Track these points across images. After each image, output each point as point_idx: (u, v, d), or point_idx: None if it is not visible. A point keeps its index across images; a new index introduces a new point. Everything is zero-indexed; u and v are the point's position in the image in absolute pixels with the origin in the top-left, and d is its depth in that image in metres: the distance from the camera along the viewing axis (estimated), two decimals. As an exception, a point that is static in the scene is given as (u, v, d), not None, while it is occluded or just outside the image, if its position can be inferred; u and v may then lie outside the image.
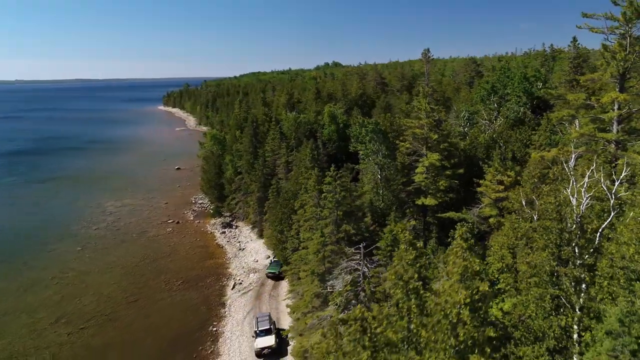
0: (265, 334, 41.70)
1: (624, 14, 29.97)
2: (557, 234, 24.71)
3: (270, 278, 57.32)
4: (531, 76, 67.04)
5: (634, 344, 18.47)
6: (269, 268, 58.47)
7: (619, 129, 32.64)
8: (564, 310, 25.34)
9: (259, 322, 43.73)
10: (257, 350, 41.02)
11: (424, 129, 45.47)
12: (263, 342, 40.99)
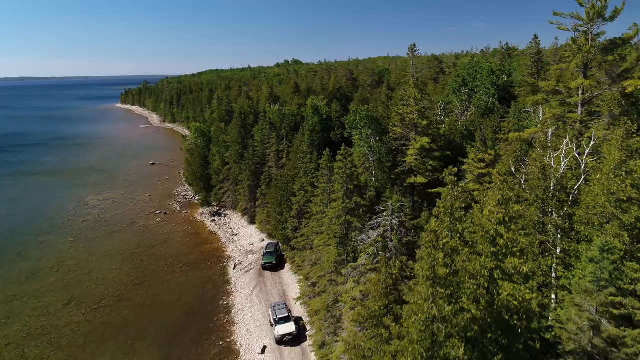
0: (285, 321, 42.98)
1: (587, 14, 36.41)
2: (542, 190, 30.59)
3: (267, 269, 58.11)
4: (497, 70, 74.38)
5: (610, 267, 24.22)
6: (265, 259, 58.81)
7: (582, 110, 39.21)
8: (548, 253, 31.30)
9: (276, 310, 44.90)
10: (278, 337, 41.86)
11: (414, 115, 51.00)
12: (284, 329, 42.14)
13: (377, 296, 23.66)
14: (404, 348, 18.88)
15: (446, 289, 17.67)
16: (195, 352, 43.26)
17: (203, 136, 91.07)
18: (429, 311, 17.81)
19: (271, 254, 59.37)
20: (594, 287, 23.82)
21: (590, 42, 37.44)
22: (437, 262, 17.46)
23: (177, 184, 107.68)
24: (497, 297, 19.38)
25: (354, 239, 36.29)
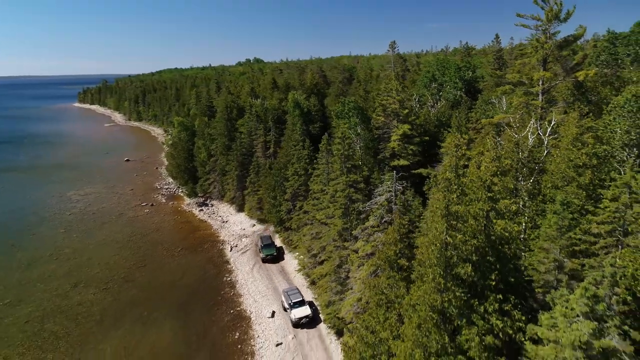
0: (300, 305, 44.79)
1: (546, 16, 43.48)
2: (516, 161, 37.09)
3: (268, 261, 58.83)
4: (463, 66, 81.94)
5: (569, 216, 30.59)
6: (265, 252, 59.28)
7: (543, 98, 46.38)
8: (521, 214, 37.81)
9: (290, 295, 46.39)
10: (295, 320, 43.51)
11: (396, 105, 57.08)
12: (300, 312, 43.96)
13: (392, 241, 29.25)
14: (425, 272, 24.51)
15: (457, 221, 23.43)
16: (209, 320, 47.49)
17: (186, 130, 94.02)
18: (444, 240, 23.51)
19: (270, 246, 60.30)
20: (557, 233, 30.08)
21: (548, 40, 44.58)
22: (451, 202, 23.18)
23: (158, 178, 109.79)
24: (493, 231, 25.37)
25: (356, 209, 41.70)
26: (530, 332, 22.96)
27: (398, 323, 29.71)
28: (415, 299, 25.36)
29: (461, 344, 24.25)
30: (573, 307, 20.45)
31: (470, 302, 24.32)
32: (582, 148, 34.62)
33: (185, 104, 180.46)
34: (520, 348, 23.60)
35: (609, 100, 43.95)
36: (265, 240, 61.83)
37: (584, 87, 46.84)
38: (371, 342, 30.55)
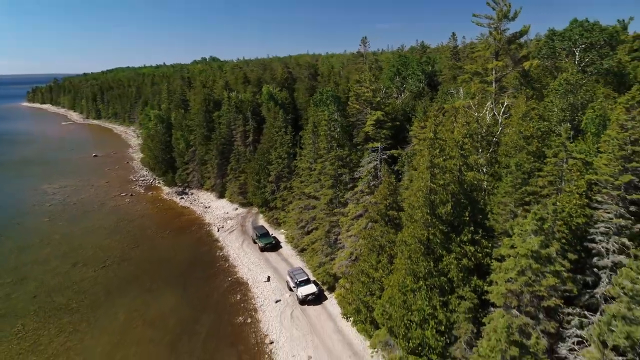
0: (305, 283, 46.97)
1: (497, 15, 51.40)
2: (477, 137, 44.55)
3: (268, 250, 59.64)
4: (423, 61, 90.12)
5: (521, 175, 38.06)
6: (263, 241, 59.92)
7: (496, 85, 54.45)
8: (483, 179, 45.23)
9: (295, 274, 48.40)
10: (302, 297, 45.59)
11: (370, 93, 63.76)
12: (306, 290, 46.06)
13: (384, 196, 35.74)
14: (413, 213, 31.13)
15: (438, 171, 30.20)
16: (209, 287, 52.35)
17: (162, 122, 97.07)
18: (429, 186, 30.21)
19: (267, 235, 61.43)
20: (512, 189, 37.44)
21: (499, 35, 52.60)
22: (434, 156, 29.90)
23: (131, 171, 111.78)
24: (465, 180, 32.37)
25: (344, 180, 48.02)
26: (495, 254, 30.08)
27: (389, 264, 36.30)
28: (406, 236, 31.95)
29: (443, 268, 31.06)
30: (526, 228, 27.59)
31: (449, 235, 31.18)
32: (529, 122, 42.37)
33: (148, 101, 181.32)
34: (488, 267, 30.67)
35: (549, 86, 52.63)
36: (260, 230, 62.86)
37: (529, 75, 55.27)
38: (366, 281, 36.97)
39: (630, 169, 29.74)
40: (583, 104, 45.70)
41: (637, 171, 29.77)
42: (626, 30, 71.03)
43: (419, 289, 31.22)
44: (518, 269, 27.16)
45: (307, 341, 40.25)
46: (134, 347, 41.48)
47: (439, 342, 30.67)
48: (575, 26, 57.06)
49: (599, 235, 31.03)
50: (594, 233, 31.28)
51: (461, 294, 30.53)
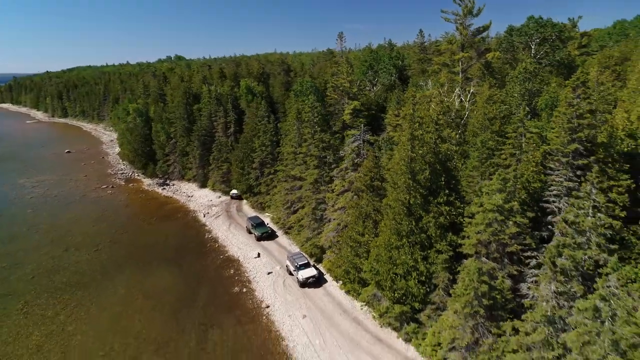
0: (306, 267, 48.14)
1: (463, 11, 57.07)
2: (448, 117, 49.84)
3: (265, 239, 60.13)
4: (394, 56, 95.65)
5: (486, 151, 43.43)
6: (259, 231, 60.43)
7: (462, 75, 60.18)
8: (452, 157, 50.44)
9: (295, 259, 49.32)
10: (302, 280, 46.71)
11: (347, 84, 68.43)
12: (306, 273, 47.24)
13: (369, 168, 40.37)
14: (397, 179, 35.85)
15: (417, 143, 35.03)
16: (202, 264, 55.63)
17: (141, 116, 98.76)
18: (410, 156, 34.99)
19: (262, 225, 61.94)
20: (479, 163, 42.73)
21: (465, 30, 58.30)
22: (414, 129, 34.70)
23: (108, 165, 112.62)
24: (440, 151, 37.35)
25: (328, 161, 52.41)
26: (467, 213, 35.17)
27: (374, 229, 40.94)
28: (390, 200, 36.68)
29: (422, 226, 35.93)
30: (492, 188, 32.74)
31: (427, 198, 36.09)
32: (492, 106, 47.86)
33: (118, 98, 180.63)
34: (461, 224, 35.75)
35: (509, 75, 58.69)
36: (255, 220, 63.05)
37: (492, 66, 61.26)
38: (354, 245, 41.50)
39: (576, 139, 35.29)
40: (539, 90, 51.69)
41: (582, 140, 35.35)
42: (576, 28, 78.48)
43: (402, 246, 35.98)
44: (486, 222, 32.34)
45: (301, 304, 44.42)
46: (137, 315, 44.54)
47: (420, 291, 35.53)
48: (531, 22, 63.54)
49: (552, 197, 36.51)
50: (548, 195, 36.71)
51: (439, 248, 35.49)
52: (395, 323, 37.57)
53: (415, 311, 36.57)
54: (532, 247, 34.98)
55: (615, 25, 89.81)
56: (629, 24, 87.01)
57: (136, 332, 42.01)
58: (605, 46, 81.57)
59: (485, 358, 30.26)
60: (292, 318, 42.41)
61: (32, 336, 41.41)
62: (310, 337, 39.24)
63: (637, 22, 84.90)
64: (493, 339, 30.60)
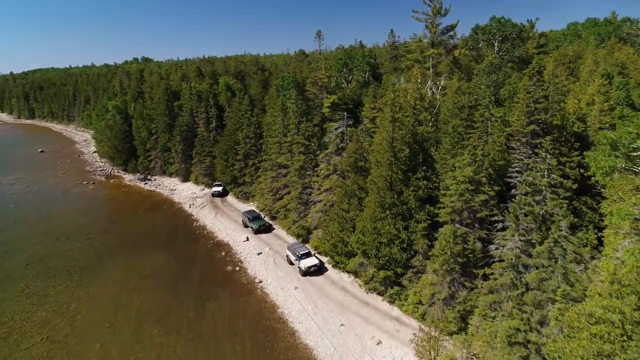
0: (307, 256, 48.97)
1: (432, 11, 62.32)
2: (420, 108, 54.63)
3: (262, 232, 60.66)
4: (367, 55, 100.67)
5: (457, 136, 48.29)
6: (255, 224, 60.84)
7: (433, 70, 65.42)
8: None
9: (296, 249, 50.25)
10: (305, 269, 47.45)
11: (325, 79, 72.62)
12: (309, 262, 48.05)
13: (354, 150, 44.57)
14: (380, 158, 40.18)
15: (398, 124, 39.49)
16: (194, 248, 58.49)
17: (120, 113, 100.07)
18: (392, 136, 39.39)
19: (259, 218, 62.59)
20: (450, 147, 47.43)
21: (434, 28, 63.57)
22: (395, 111, 39.12)
23: (85, 163, 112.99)
24: (417, 132, 41.93)
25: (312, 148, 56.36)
26: (442, 186, 39.80)
27: (359, 206, 45.14)
28: (374, 177, 41.00)
29: (403, 199, 40.37)
30: (463, 162, 37.42)
31: (407, 173, 40.59)
32: (462, 96, 52.89)
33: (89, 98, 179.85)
34: (437, 197, 40.37)
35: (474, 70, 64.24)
36: (252, 213, 63.53)
37: (459, 62, 66.75)
38: (341, 221, 45.58)
39: (534, 121, 40.44)
40: (502, 82, 57.23)
41: (538, 122, 40.54)
42: (534, 29, 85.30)
43: (385, 217, 40.31)
44: (459, 192, 37.02)
45: (292, 278, 48.14)
46: (135, 293, 47.23)
47: (402, 256, 39.94)
48: (493, 22, 69.49)
49: (514, 173, 41.55)
50: (511, 171, 41.73)
51: (418, 217, 40.00)
52: (380, 287, 41.83)
53: (398, 276, 40.94)
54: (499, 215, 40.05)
55: (569, 27, 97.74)
56: (581, 26, 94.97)
57: (137, 306, 44.76)
58: (560, 46, 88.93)
59: (460, 309, 34.89)
60: (285, 290, 46.08)
61: (37, 313, 43.60)
62: (303, 304, 43.04)
63: (588, 25, 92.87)
64: (467, 292, 35.29)
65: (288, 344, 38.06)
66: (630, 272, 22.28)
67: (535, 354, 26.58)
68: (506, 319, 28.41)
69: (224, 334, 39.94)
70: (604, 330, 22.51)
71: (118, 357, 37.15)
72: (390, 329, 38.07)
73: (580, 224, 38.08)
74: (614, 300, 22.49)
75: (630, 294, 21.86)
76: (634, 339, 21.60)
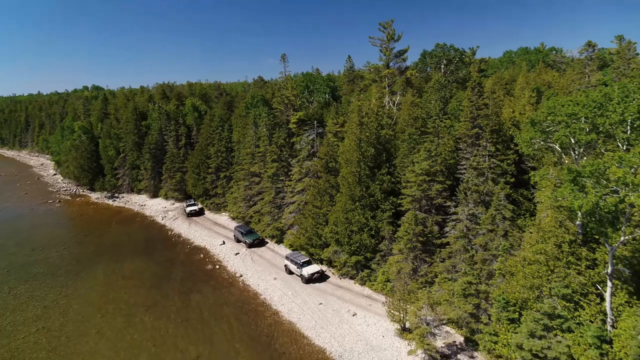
0: (308, 264, 49.92)
1: (386, 37, 70.56)
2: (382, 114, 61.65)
3: (256, 245, 60.66)
4: (327, 78, 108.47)
5: (412, 142, 55.38)
6: (250, 238, 60.77)
7: (389, 89, 73.34)
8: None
9: (296, 258, 50.75)
10: (308, 276, 48.29)
11: (292, 97, 78.85)
12: (311, 269, 49.04)
13: (325, 153, 50.40)
14: (349, 157, 46.23)
15: (365, 127, 45.88)
16: (172, 253, 61.54)
17: (86, 133, 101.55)
18: (359, 137, 45.66)
19: (252, 232, 62.50)
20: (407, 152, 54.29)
21: (388, 52, 71.75)
22: (362, 116, 45.53)
23: (46, 185, 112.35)
24: (380, 135, 48.48)
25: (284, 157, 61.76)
26: (403, 180, 46.21)
27: (330, 202, 50.72)
28: (345, 173, 46.89)
29: (370, 192, 46.40)
30: (420, 158, 44.08)
31: (373, 170, 46.80)
32: (416, 107, 60.36)
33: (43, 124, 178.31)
34: (399, 190, 46.67)
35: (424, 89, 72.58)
36: (244, 228, 63.34)
37: (411, 82, 75.07)
38: (315, 216, 50.90)
39: (477, 125, 47.92)
40: (449, 98, 65.50)
41: (480, 126, 48.11)
42: (474, 55, 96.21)
43: (355, 208, 46.08)
44: (418, 183, 43.47)
45: (270, 271, 52.54)
46: (122, 291, 49.96)
47: (371, 242, 45.62)
48: (438, 48, 78.88)
49: (463, 169, 48.68)
50: (460, 169, 48.82)
51: (383, 207, 46.05)
52: (352, 271, 47.17)
53: (367, 260, 46.50)
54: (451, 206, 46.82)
55: (505, 54, 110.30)
56: (514, 53, 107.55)
57: (124, 300, 47.63)
58: (498, 71, 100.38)
59: (422, 280, 40.77)
60: (265, 281, 50.41)
61: (27, 309, 45.54)
62: (283, 290, 47.53)
63: (520, 52, 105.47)
64: (427, 266, 41.32)
65: (272, 321, 42.38)
66: (550, 222, 29.06)
67: (484, 301, 32.65)
68: (461, 277, 34.50)
69: (210, 318, 43.64)
70: (534, 268, 29.04)
71: (114, 339, 40.04)
72: (363, 304, 43.29)
73: (519, 213, 45.45)
74: (540, 244, 29.12)
75: (550, 237, 28.55)
76: (555, 271, 28.19)
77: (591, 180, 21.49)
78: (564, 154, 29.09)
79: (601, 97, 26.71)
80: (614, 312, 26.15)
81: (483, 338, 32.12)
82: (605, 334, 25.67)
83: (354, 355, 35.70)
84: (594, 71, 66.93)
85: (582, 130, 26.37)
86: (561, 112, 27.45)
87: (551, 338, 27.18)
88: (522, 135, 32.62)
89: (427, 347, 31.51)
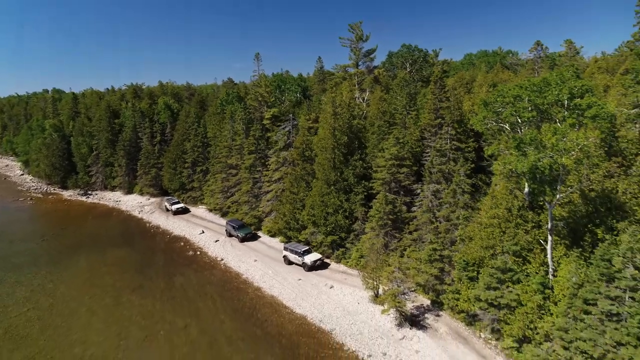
0: (309, 252, 50.91)
1: (355, 37, 74.92)
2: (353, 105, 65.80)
3: (248, 240, 60.41)
4: (298, 78, 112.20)
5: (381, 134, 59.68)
6: (242, 232, 60.38)
7: (358, 87, 77.68)
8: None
9: (295, 248, 51.24)
10: (310, 264, 49.10)
11: (266, 94, 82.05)
12: (313, 257, 49.95)
13: (301, 142, 53.94)
14: (325, 144, 49.96)
15: (338, 117, 49.76)
16: (152, 242, 63.52)
17: (57, 132, 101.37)
18: (333, 126, 49.49)
19: (244, 226, 62.17)
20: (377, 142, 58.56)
21: (358, 51, 76.18)
22: (335, 107, 49.42)
23: (14, 184, 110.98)
24: (353, 125, 52.48)
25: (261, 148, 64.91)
26: (374, 165, 50.30)
27: (307, 188, 54.26)
28: (320, 160, 50.58)
29: (344, 177, 50.26)
30: (389, 145, 48.24)
31: (346, 156, 50.69)
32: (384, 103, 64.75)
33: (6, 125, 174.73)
34: (370, 174, 50.71)
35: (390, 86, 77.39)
36: (236, 222, 62.87)
37: (379, 80, 79.75)
38: (292, 201, 54.31)
39: (439, 116, 52.59)
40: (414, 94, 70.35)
41: (443, 117, 52.77)
42: (437, 57, 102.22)
43: (331, 192, 49.82)
44: (387, 167, 47.63)
45: (250, 255, 55.51)
46: (106, 276, 51.77)
47: (346, 223, 49.42)
48: (404, 48, 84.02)
49: (427, 156, 53.24)
50: (425, 155, 53.35)
51: (356, 191, 49.98)
52: (328, 250, 50.83)
53: (342, 239, 50.26)
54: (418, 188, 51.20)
55: (465, 57, 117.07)
56: (474, 56, 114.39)
57: (110, 284, 49.59)
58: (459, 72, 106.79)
59: (393, 254, 44.81)
60: (246, 263, 53.38)
61: (15, 293, 46.89)
62: (264, 270, 50.68)
63: (480, 55, 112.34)
64: (397, 241, 45.42)
65: (254, 295, 45.49)
66: (502, 190, 33.63)
67: (448, 265, 36.94)
68: (427, 245, 38.72)
69: (195, 296, 46.30)
70: (489, 231, 33.47)
71: (105, 315, 42.17)
72: (339, 278, 46.99)
73: (479, 197, 50.31)
74: (493, 210, 33.61)
75: (502, 203, 33.08)
76: (506, 232, 32.69)
77: (531, 147, 25.97)
78: (512, 132, 33.74)
79: (541, 82, 31.54)
80: (554, 263, 30.83)
81: (447, 297, 36.39)
82: (548, 281, 30.28)
83: (333, 320, 39.30)
84: (544, 69, 73.43)
85: (525, 109, 31.11)
86: (508, 94, 32.15)
87: (504, 289, 31.62)
88: (478, 116, 37.11)
89: (398, 304, 35.45)
